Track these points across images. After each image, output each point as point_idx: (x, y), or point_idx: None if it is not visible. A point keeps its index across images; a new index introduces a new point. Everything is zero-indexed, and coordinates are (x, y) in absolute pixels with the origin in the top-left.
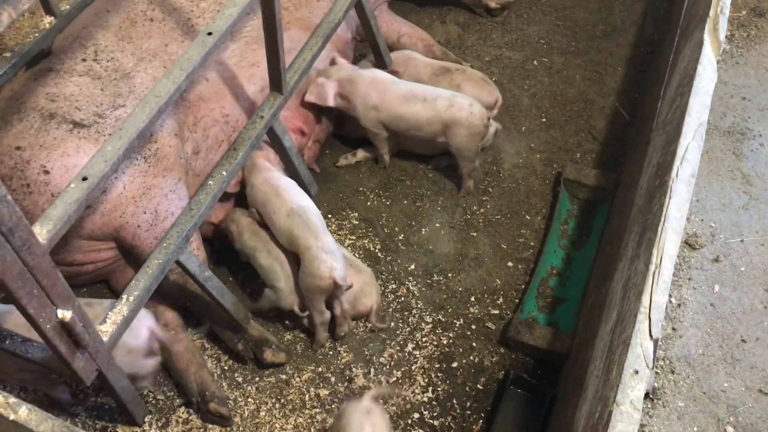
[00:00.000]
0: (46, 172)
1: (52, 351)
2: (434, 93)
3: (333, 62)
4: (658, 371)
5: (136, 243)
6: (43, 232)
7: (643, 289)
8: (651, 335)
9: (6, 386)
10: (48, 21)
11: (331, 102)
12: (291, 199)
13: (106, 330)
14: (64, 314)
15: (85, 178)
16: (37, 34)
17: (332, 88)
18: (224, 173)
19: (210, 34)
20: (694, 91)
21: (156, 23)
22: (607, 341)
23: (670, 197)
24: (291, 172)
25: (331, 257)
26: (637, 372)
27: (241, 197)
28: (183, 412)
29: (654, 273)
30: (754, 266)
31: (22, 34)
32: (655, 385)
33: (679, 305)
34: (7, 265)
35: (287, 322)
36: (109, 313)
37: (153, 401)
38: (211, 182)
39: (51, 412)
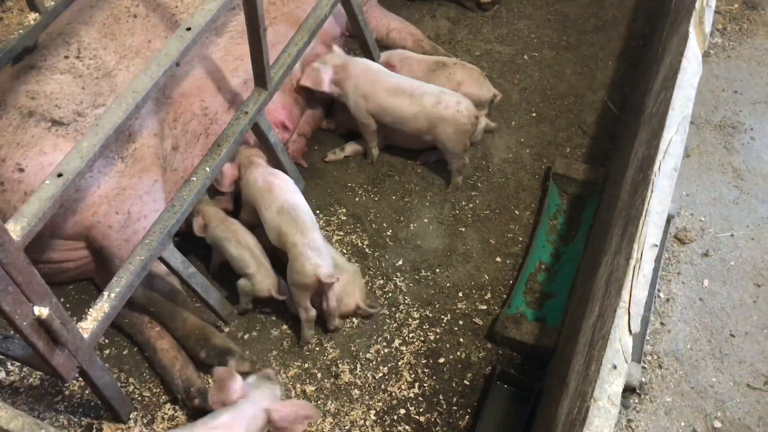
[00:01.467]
0: (21, 170)
1: (31, 348)
2: (422, 89)
3: (329, 50)
4: (646, 366)
5: (106, 243)
6: (17, 229)
7: (623, 283)
8: (630, 330)
9: None
10: (33, 17)
11: (326, 87)
12: (282, 196)
13: (86, 327)
14: (41, 311)
15: (60, 175)
16: (21, 31)
17: (328, 74)
18: (207, 169)
19: (189, 29)
20: (678, 84)
21: (139, 19)
22: (589, 336)
23: (651, 191)
24: (277, 167)
25: (317, 254)
26: (615, 367)
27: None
28: (168, 409)
29: (635, 267)
30: (743, 261)
31: (9, 31)
32: (643, 379)
33: (667, 300)
34: None
35: (273, 318)
36: (90, 309)
37: (138, 398)
38: (194, 178)
39: (35, 407)
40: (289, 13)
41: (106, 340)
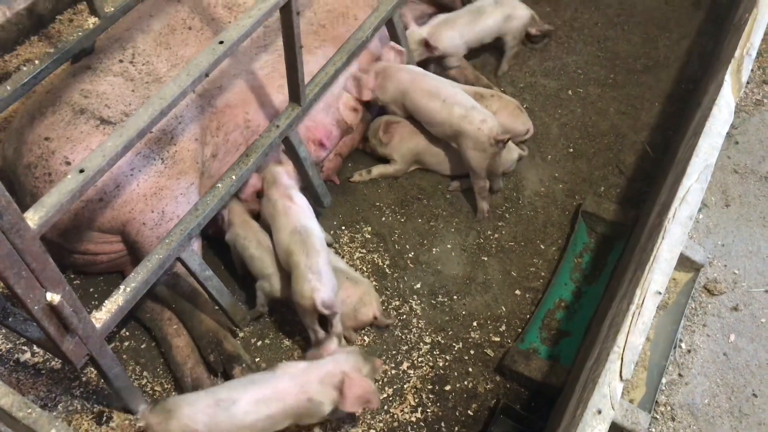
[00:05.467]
0: (68, 164)
1: (42, 331)
2: (455, 98)
3: (379, 58)
4: (658, 417)
5: (138, 239)
6: (35, 217)
7: (621, 328)
8: (621, 376)
9: None
10: (92, 21)
11: (365, 96)
12: (298, 220)
13: (100, 317)
14: (53, 297)
15: (82, 171)
16: (80, 33)
17: (370, 82)
18: (234, 177)
19: (221, 42)
20: (705, 131)
21: (194, 32)
22: (585, 378)
23: (663, 237)
24: (305, 181)
25: (317, 278)
26: (600, 412)
27: None
28: None
29: (634, 313)
30: None
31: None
32: (652, 431)
33: (689, 351)
34: None
35: (287, 328)
36: (105, 301)
37: (150, 391)
38: (220, 185)
39: (53, 389)
40: (339, 36)
41: (127, 333)
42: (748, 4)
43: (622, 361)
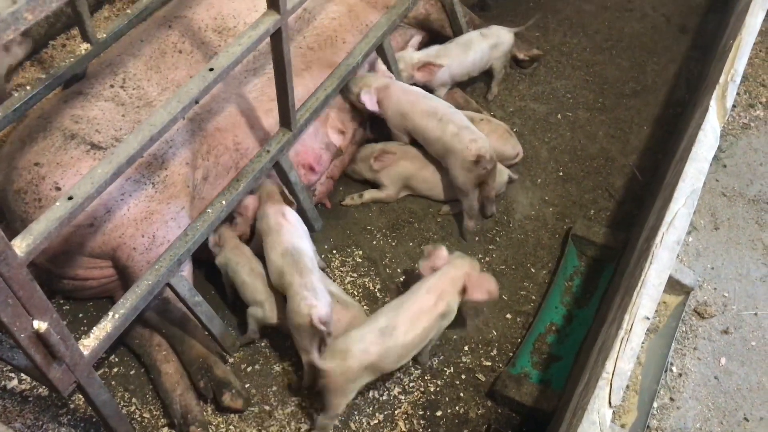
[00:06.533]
0: (58, 189)
1: (29, 359)
2: (450, 117)
3: (372, 68)
4: None
5: (129, 264)
6: (22, 245)
7: (609, 354)
8: (611, 403)
9: None
10: (84, 47)
11: (373, 107)
12: (290, 240)
13: (88, 344)
14: (40, 325)
15: (70, 198)
16: (72, 59)
17: (373, 96)
18: (224, 202)
19: (211, 69)
20: (691, 156)
21: (184, 55)
22: (575, 404)
23: (650, 262)
24: (296, 206)
25: (312, 295)
26: None
27: None
28: None
29: (623, 339)
30: (766, 342)
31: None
32: None
33: (680, 375)
34: None
35: (278, 353)
36: (94, 328)
37: (138, 418)
38: (210, 210)
39: (40, 417)
40: (325, 58)
41: (116, 359)
42: (732, 31)
43: (611, 387)
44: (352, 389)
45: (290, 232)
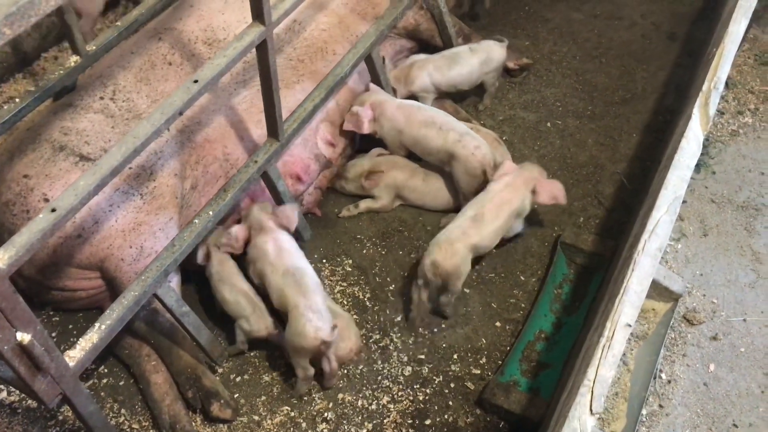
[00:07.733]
0: (46, 200)
1: (13, 372)
2: (451, 125)
3: (367, 88)
4: None
5: (117, 275)
6: (4, 257)
7: (591, 361)
8: (592, 410)
9: None
10: (74, 60)
11: (366, 129)
12: (290, 260)
13: (74, 356)
14: (23, 337)
15: (53, 210)
16: (62, 72)
17: (367, 116)
18: (211, 213)
19: (196, 81)
20: (674, 164)
21: (174, 67)
22: (558, 412)
23: (632, 270)
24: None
25: (318, 317)
26: None
27: None
28: None
29: (604, 346)
30: (755, 348)
31: None
32: None
33: (669, 381)
34: None
35: (267, 363)
36: (80, 339)
37: (128, 429)
38: (197, 221)
39: (29, 429)
40: (317, 71)
41: (105, 370)
42: (716, 39)
43: (592, 394)
44: (464, 270)
45: (290, 253)
